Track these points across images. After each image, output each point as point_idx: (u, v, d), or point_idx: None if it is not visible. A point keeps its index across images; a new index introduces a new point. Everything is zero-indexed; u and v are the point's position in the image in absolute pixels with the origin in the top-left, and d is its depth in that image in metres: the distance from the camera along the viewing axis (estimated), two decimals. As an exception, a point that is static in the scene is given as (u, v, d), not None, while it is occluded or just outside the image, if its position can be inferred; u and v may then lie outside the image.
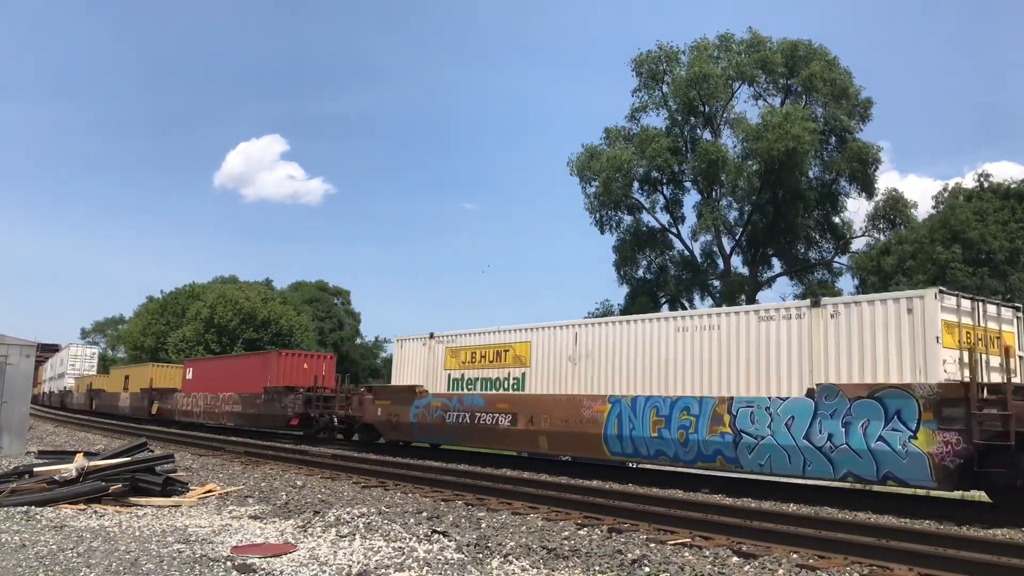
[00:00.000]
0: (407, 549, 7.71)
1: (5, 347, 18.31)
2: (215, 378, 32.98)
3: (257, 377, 29.17)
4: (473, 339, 20.22)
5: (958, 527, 10.03)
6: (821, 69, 38.80)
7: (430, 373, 21.29)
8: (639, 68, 42.47)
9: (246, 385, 29.75)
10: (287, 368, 29.01)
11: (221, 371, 33.13)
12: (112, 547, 7.65)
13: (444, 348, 20.97)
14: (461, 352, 20.43)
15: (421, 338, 21.96)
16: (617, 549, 7.85)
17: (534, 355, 18.34)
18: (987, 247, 31.56)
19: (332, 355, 30.89)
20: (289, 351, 30.85)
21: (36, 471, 11.46)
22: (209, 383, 33.35)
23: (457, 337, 20.79)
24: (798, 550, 7.88)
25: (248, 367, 30.75)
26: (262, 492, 12.34)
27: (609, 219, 43.24)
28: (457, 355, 20.56)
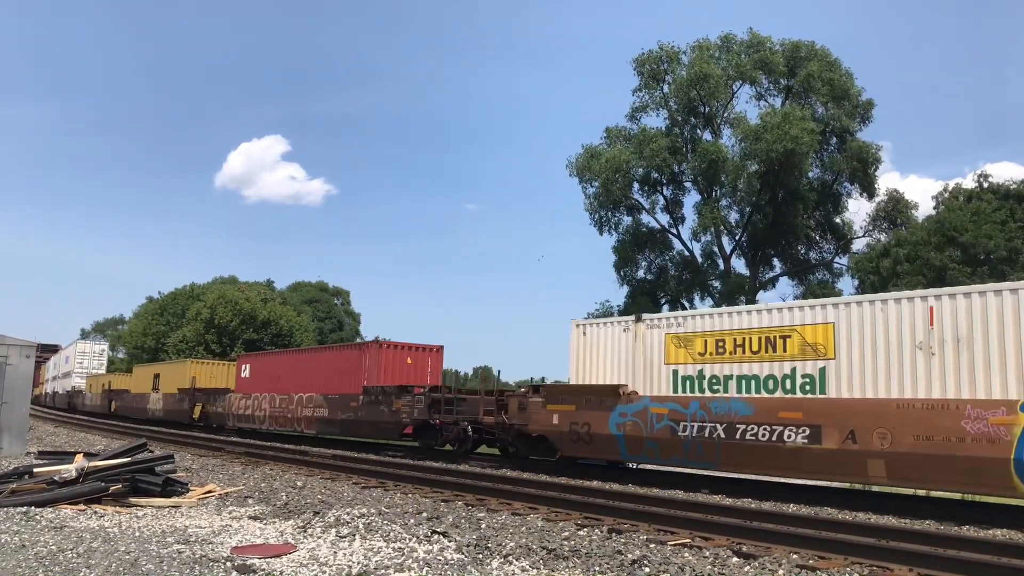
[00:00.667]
0: (407, 550, 7.71)
1: (5, 347, 18.31)
2: (286, 375, 27.80)
3: (350, 374, 24.15)
4: (717, 321, 14.98)
5: (958, 527, 10.03)
6: (821, 69, 38.83)
7: (639, 368, 16.00)
8: (640, 67, 42.49)
9: (334, 384, 24.66)
10: (390, 363, 23.68)
11: (294, 367, 27.87)
12: (112, 548, 7.65)
13: (663, 335, 15.72)
14: (695, 340, 15.19)
15: (620, 322, 16.86)
16: (617, 550, 7.85)
17: (840, 341, 13.08)
18: (984, 248, 31.55)
19: (439, 347, 24.80)
20: (390, 341, 24.60)
21: (36, 471, 11.46)
22: (276, 382, 28.12)
23: (686, 320, 15.66)
24: (798, 550, 7.88)
25: (336, 362, 25.45)
26: (262, 493, 12.34)
27: (609, 220, 43.27)
28: (689, 344, 15.32)
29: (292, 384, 26.94)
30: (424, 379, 23.44)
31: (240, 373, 30.69)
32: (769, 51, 40.38)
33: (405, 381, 22.82)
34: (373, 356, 23.54)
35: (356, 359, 24.26)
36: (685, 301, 43.61)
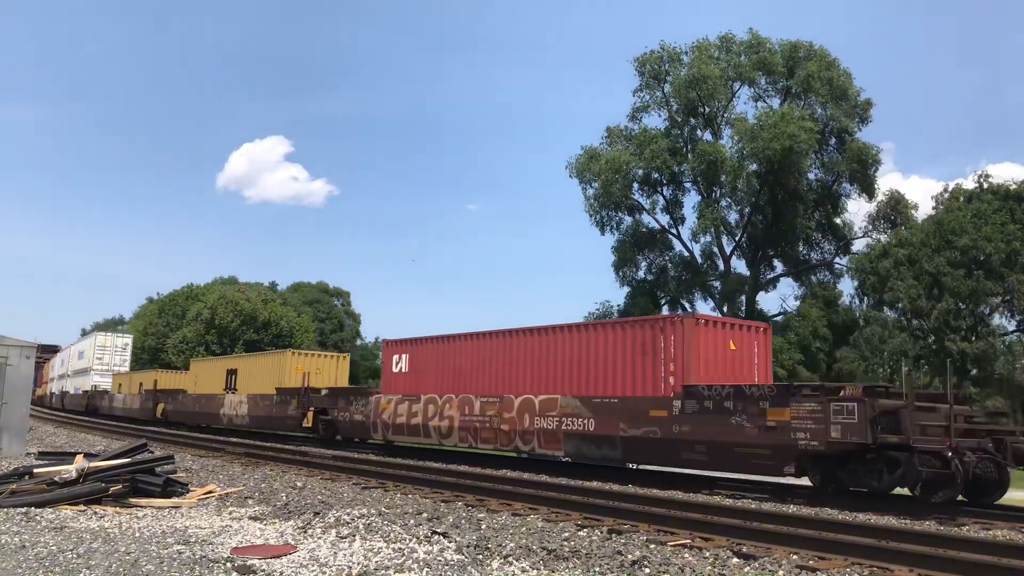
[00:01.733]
0: (407, 550, 7.71)
1: (5, 348, 18.30)
2: (479, 368, 19.59)
3: (636, 367, 15.85)
4: None
5: (958, 528, 10.02)
6: (820, 70, 38.86)
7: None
8: (641, 68, 42.53)
9: (603, 380, 16.47)
10: (709, 348, 15.53)
11: (502, 355, 19.03)
12: (112, 548, 7.65)
13: None
14: None
15: None
16: (617, 550, 7.85)
17: None
18: (981, 251, 31.57)
19: (766, 326, 17.34)
20: (706, 315, 17.13)
21: (36, 472, 11.46)
22: (461, 378, 19.99)
23: None
24: (798, 551, 7.88)
25: (602, 347, 16.67)
26: (262, 493, 12.34)
27: (609, 219, 43.29)
28: None
29: (500, 380, 18.89)
30: (750, 373, 16.30)
31: (391, 366, 22.61)
32: (769, 52, 40.43)
33: (727, 377, 15.57)
34: (683, 337, 15.34)
35: (649, 342, 15.75)
36: (685, 301, 43.65)
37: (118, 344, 54.99)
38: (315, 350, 37.69)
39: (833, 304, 39.98)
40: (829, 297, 40.62)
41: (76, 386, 56.17)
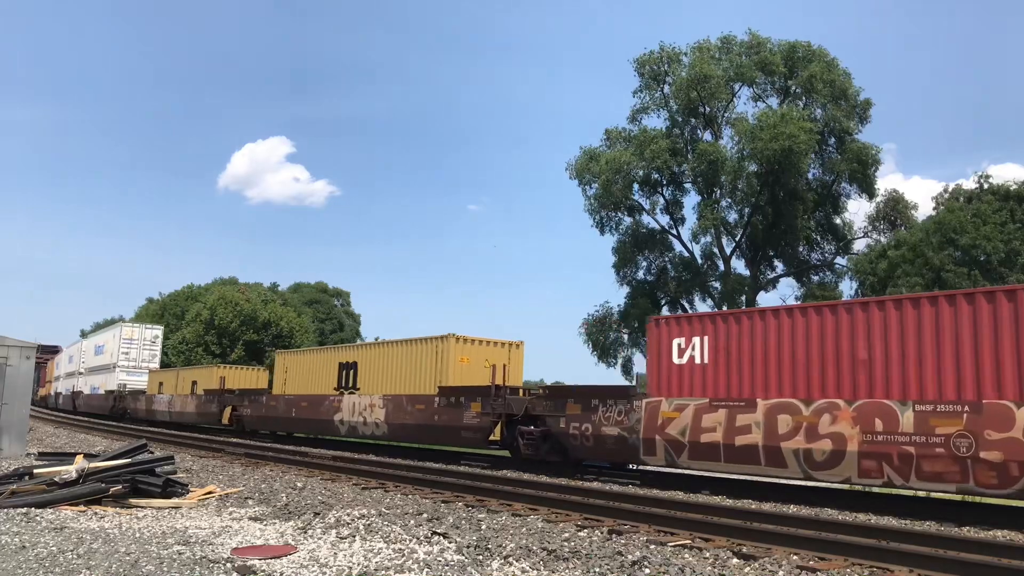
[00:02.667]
0: (407, 551, 7.71)
1: (5, 348, 18.31)
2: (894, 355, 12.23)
3: None
4: None
5: (958, 528, 10.02)
6: (820, 70, 38.86)
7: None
8: (641, 68, 42.54)
9: None
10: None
11: (924, 336, 12.01)
12: (112, 549, 7.65)
13: None
14: None
15: None
16: (617, 551, 7.85)
17: None
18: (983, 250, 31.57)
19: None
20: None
21: (36, 473, 11.46)
22: (864, 373, 12.51)
23: None
24: (798, 552, 7.88)
25: None
26: (262, 494, 12.34)
27: (609, 220, 43.28)
28: None
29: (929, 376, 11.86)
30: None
31: (669, 354, 15.22)
32: (769, 52, 40.43)
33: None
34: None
35: None
36: (685, 302, 43.62)
37: (147, 336, 46.93)
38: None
39: (833, 304, 39.90)
40: (829, 297, 40.57)
41: (93, 385, 49.56)
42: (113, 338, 47.61)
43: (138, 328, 48.29)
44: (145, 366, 46.55)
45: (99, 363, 49.76)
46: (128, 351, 46.03)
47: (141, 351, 46.81)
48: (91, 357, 52.03)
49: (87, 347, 54.53)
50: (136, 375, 45.48)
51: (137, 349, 46.69)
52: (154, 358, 47.67)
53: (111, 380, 46.08)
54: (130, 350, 46.11)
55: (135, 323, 51.35)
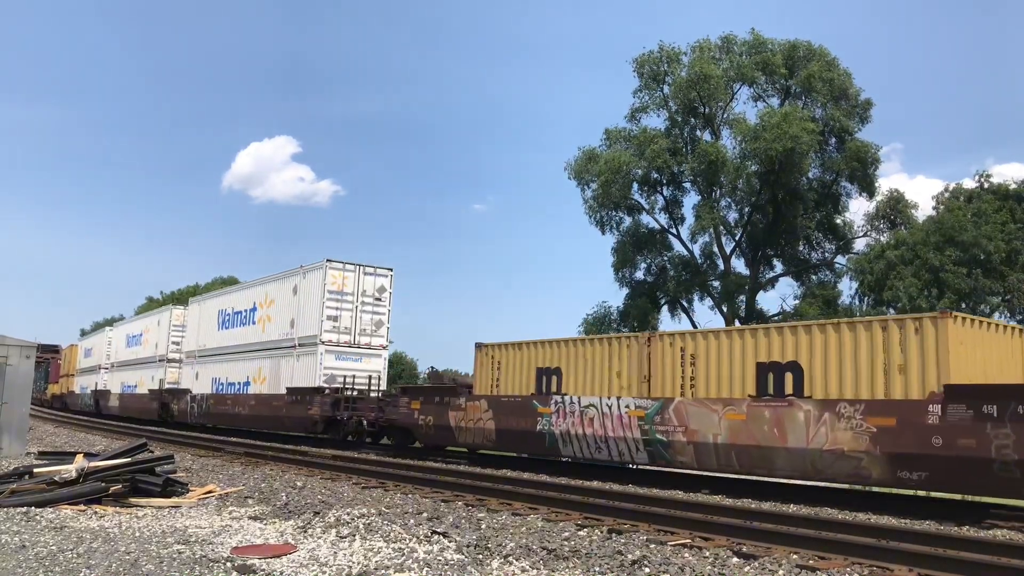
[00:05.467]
0: (407, 550, 7.71)
1: (5, 348, 18.32)
2: None
3: None
4: None
5: (958, 528, 10.03)
6: (820, 69, 38.86)
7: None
8: (640, 68, 42.53)
9: None
10: None
11: None
12: (112, 548, 7.65)
13: None
14: None
15: None
16: (617, 550, 7.85)
17: None
18: (983, 249, 31.59)
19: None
20: None
21: (36, 472, 11.47)
22: None
23: None
24: (798, 551, 7.88)
25: None
26: (262, 493, 12.34)
27: (609, 220, 43.29)
28: None
29: None
30: None
31: None
32: (770, 52, 40.44)
33: None
34: None
35: None
36: (684, 302, 43.63)
37: None
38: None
39: (833, 304, 39.98)
40: (829, 297, 40.63)
41: (126, 382, 40.48)
42: (156, 325, 38.00)
43: (202, 303, 35.48)
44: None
45: (132, 356, 40.66)
46: (179, 341, 35.80)
47: (197, 335, 34.78)
48: (121, 350, 43.03)
49: (114, 337, 45.24)
50: (192, 366, 33.40)
51: (201, 333, 34.54)
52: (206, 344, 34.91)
53: (153, 376, 36.75)
54: (181, 340, 35.76)
55: (180, 306, 38.54)
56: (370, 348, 25.07)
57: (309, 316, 24.99)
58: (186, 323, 35.78)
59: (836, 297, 41.04)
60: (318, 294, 24.56)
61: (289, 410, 24.65)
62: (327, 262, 24.43)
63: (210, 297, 34.35)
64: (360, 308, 24.96)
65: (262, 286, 28.86)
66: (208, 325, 32.70)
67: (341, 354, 24.46)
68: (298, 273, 26.11)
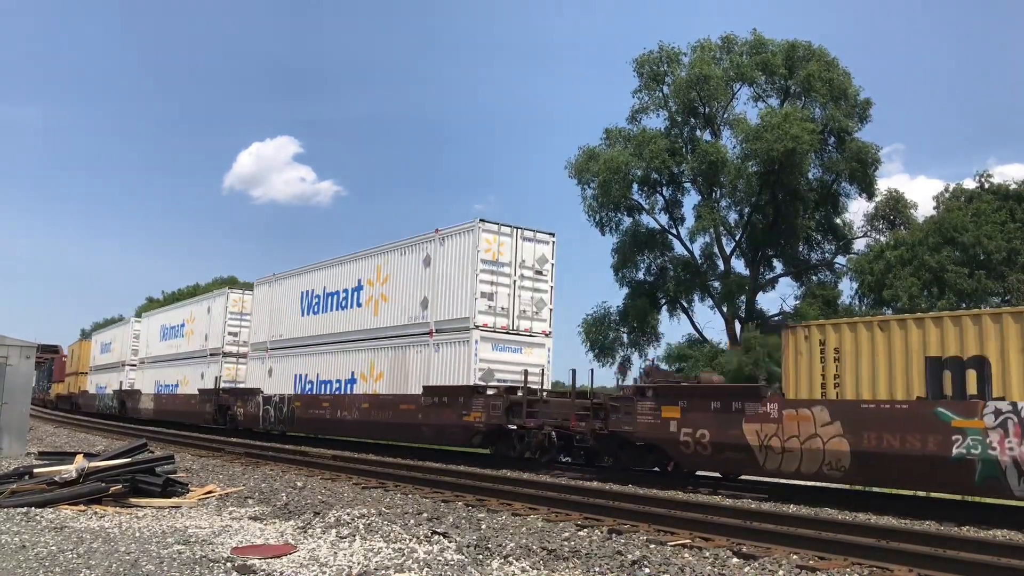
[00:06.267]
0: (407, 550, 7.71)
1: (5, 348, 18.32)
2: None
3: None
4: None
5: (958, 528, 10.03)
6: (820, 69, 38.87)
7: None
8: (640, 69, 42.53)
9: None
10: None
11: None
12: (112, 548, 7.65)
13: None
14: None
15: None
16: (617, 550, 7.85)
17: None
18: (983, 249, 31.56)
19: None
20: None
21: (36, 472, 11.46)
22: None
23: None
24: (798, 551, 7.88)
25: None
26: (262, 493, 12.34)
27: (609, 220, 43.27)
28: None
29: None
30: None
31: None
32: (770, 52, 40.45)
33: None
34: None
35: None
36: (684, 302, 43.62)
37: None
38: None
39: (833, 304, 39.99)
40: (829, 297, 40.62)
41: (162, 381, 35.34)
42: (205, 313, 32.46)
43: (249, 296, 30.66)
44: None
45: (172, 350, 35.45)
46: (236, 332, 30.27)
47: (266, 321, 28.83)
48: (154, 344, 37.67)
49: (148, 328, 39.51)
50: (261, 361, 27.89)
51: (273, 320, 28.39)
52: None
53: (201, 374, 31.45)
54: (238, 330, 30.23)
55: (238, 289, 33.06)
56: (531, 335, 19.67)
57: (453, 293, 19.68)
58: (247, 309, 30.08)
59: (836, 297, 41.03)
60: (468, 264, 19.26)
61: (429, 415, 19.19)
62: (480, 222, 19.15)
63: (287, 277, 27.57)
64: (519, 284, 19.64)
65: (370, 259, 23.10)
66: (286, 310, 26.85)
67: (499, 343, 19.10)
68: (432, 239, 20.64)
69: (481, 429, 17.88)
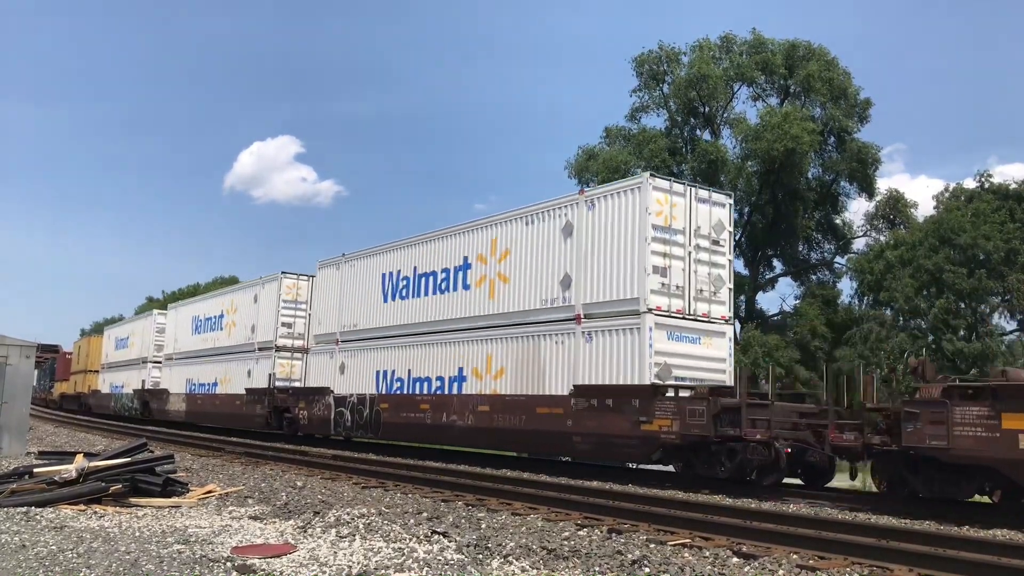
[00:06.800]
0: (407, 550, 7.71)
1: (5, 347, 18.33)
2: None
3: None
4: None
5: (958, 527, 10.02)
6: (819, 69, 38.89)
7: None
8: (640, 68, 42.54)
9: None
10: None
11: None
12: (112, 548, 7.65)
13: None
14: None
15: None
16: (617, 550, 7.85)
17: None
18: (982, 249, 31.56)
19: None
20: None
21: (36, 472, 11.46)
22: None
23: None
24: (798, 551, 7.88)
25: None
26: (262, 493, 12.35)
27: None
28: None
29: None
30: None
31: None
32: (770, 52, 40.46)
33: None
34: None
35: None
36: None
37: None
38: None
39: (832, 303, 40.02)
40: (828, 296, 40.65)
41: (196, 379, 31.93)
42: (254, 301, 28.44)
43: (304, 281, 27.15)
44: None
45: (209, 345, 31.65)
46: (291, 323, 27.07)
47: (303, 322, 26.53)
48: (186, 336, 34.08)
49: (176, 320, 35.74)
50: (328, 354, 24.14)
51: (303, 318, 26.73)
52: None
53: (253, 370, 27.55)
54: (293, 321, 27.15)
55: (292, 274, 27.40)
56: (710, 321, 15.93)
57: (611, 268, 15.73)
58: (302, 297, 26.96)
59: (836, 297, 41.05)
60: (634, 231, 15.35)
61: (584, 422, 15.23)
62: (651, 177, 15.68)
63: (361, 258, 23.86)
64: (694, 256, 15.78)
65: (480, 231, 19.32)
66: (361, 296, 23.41)
67: (675, 331, 15.26)
68: (574, 203, 16.82)
69: (672, 441, 13.77)
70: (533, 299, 17.43)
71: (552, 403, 16.14)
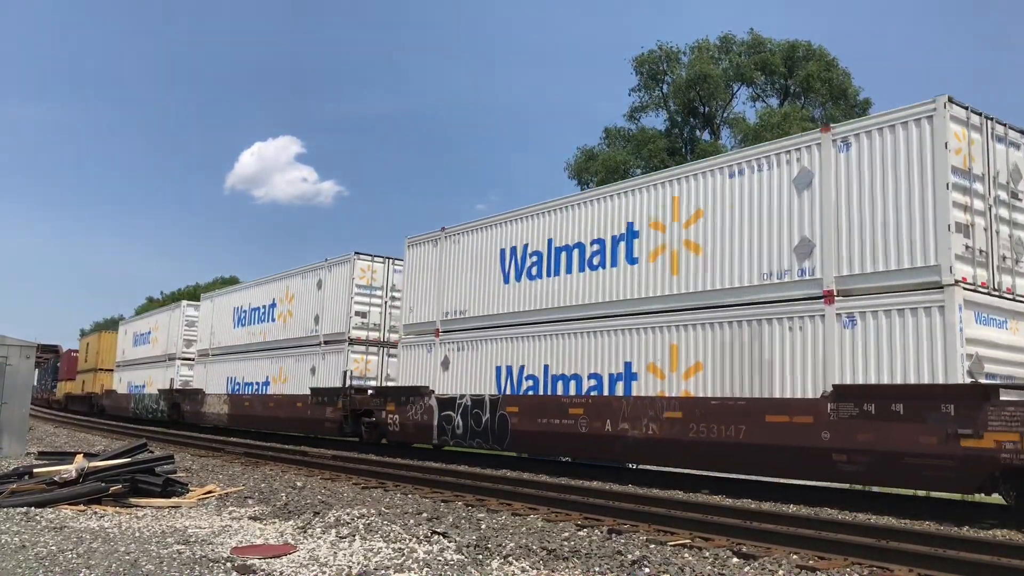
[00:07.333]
0: (407, 550, 7.71)
1: (5, 348, 18.33)
2: None
3: None
4: None
5: (958, 528, 10.02)
6: (819, 69, 38.94)
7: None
8: (639, 68, 42.60)
9: None
10: None
11: None
12: (112, 548, 7.65)
13: None
14: None
15: None
16: (617, 550, 7.85)
17: None
18: None
19: None
20: None
21: (36, 472, 11.46)
22: None
23: None
24: (798, 551, 7.88)
25: None
26: (262, 493, 12.35)
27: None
28: None
29: None
30: None
31: None
32: (769, 52, 40.51)
33: None
34: None
35: None
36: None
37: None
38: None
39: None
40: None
41: (239, 378, 28.66)
42: (318, 288, 25.25)
43: (379, 262, 24.12)
44: None
45: (256, 339, 28.13)
46: (366, 313, 24.00)
47: (384, 309, 24.21)
48: (224, 331, 30.50)
49: (212, 312, 32.02)
50: (423, 348, 20.80)
51: (381, 303, 24.11)
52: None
53: (319, 367, 24.46)
54: (368, 311, 24.01)
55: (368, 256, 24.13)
56: (1015, 298, 12.33)
57: (882, 226, 12.03)
58: (377, 282, 23.93)
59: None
60: (922, 173, 11.68)
61: (847, 433, 11.57)
62: (949, 102, 11.57)
63: (468, 232, 20.16)
64: (994, 213, 12.20)
65: (649, 191, 15.70)
66: (472, 278, 19.71)
67: (984, 312, 11.63)
68: (813, 142, 13.16)
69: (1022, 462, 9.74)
70: (746, 273, 13.67)
71: (792, 409, 12.25)
